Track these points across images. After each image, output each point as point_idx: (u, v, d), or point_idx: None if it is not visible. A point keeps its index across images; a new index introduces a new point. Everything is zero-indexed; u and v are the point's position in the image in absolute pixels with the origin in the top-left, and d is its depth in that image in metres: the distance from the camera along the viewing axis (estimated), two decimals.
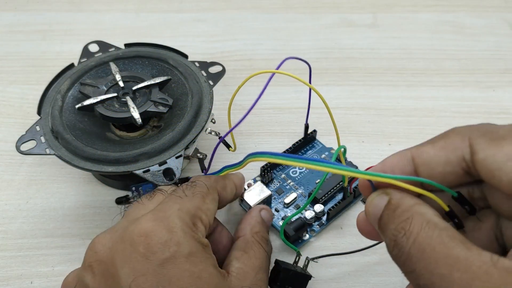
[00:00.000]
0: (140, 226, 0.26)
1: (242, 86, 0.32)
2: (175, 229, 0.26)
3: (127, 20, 0.57)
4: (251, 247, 0.31)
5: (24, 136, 0.37)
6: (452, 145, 0.22)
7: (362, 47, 0.54)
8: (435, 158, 0.22)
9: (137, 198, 0.38)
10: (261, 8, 0.59)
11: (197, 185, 0.31)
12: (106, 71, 0.41)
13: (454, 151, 0.22)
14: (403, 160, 0.23)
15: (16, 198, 0.40)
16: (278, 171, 0.41)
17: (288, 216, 0.37)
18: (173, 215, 0.27)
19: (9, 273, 0.36)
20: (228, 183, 0.34)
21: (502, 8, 0.59)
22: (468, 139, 0.21)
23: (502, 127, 0.21)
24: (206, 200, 0.30)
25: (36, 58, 0.52)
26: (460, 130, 0.22)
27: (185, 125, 0.36)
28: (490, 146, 0.20)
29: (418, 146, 0.23)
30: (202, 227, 0.28)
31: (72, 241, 0.38)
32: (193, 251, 0.26)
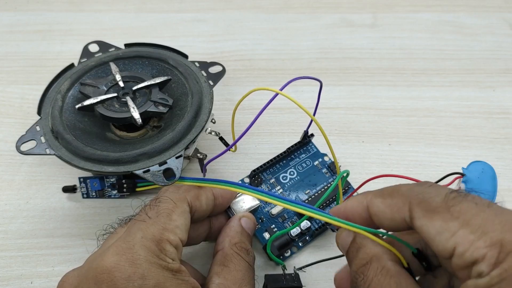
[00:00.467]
0: (102, 262, 0.26)
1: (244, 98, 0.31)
2: (138, 261, 0.26)
3: (127, 20, 0.57)
4: (231, 260, 0.30)
5: (24, 136, 0.37)
6: (396, 207, 0.25)
7: (362, 47, 0.54)
8: (383, 213, 0.25)
9: (84, 189, 0.39)
10: (261, 8, 0.59)
11: (162, 201, 0.30)
12: (106, 71, 0.41)
13: (398, 212, 0.24)
14: (361, 207, 0.26)
15: (16, 198, 0.40)
16: (268, 174, 0.40)
17: (274, 231, 0.37)
18: (136, 245, 0.26)
19: (9, 273, 0.36)
20: (204, 192, 0.32)
21: (502, 8, 0.59)
22: (409, 204, 0.24)
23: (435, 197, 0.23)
24: (173, 217, 0.29)
25: (36, 58, 0.52)
26: (404, 192, 0.25)
27: (185, 125, 0.36)
28: (425, 217, 0.23)
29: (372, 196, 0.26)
30: (171, 249, 0.27)
31: (72, 241, 0.38)
32: (160, 282, 0.26)
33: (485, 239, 0.21)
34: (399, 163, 0.43)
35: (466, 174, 0.34)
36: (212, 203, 0.33)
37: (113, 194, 0.40)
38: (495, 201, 0.33)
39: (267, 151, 0.43)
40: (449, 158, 0.44)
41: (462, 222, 0.22)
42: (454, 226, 0.22)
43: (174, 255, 0.27)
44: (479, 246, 0.21)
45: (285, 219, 0.38)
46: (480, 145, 0.45)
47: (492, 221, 0.21)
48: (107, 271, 0.25)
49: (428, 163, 0.43)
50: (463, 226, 0.21)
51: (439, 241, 0.22)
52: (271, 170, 0.41)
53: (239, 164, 0.43)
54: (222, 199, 0.34)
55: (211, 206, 0.33)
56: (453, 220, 0.22)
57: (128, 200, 0.40)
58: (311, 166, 0.41)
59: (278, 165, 0.41)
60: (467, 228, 0.21)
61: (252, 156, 0.43)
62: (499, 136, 0.46)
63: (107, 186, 0.40)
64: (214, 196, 0.33)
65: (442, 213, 0.22)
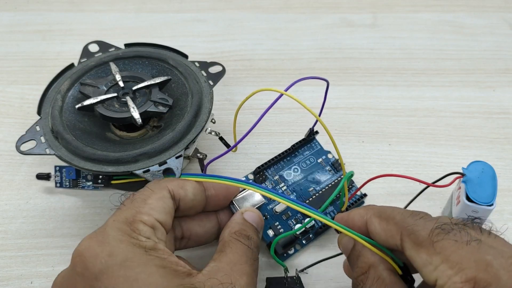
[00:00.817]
0: (77, 247, 0.27)
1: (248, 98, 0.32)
2: (107, 240, 0.27)
3: (127, 20, 0.57)
4: (228, 245, 0.30)
5: (24, 136, 0.37)
6: (390, 233, 0.28)
7: (362, 47, 0.54)
8: (378, 235, 0.28)
9: (58, 178, 0.40)
10: (261, 8, 0.59)
11: (139, 191, 0.31)
12: (106, 71, 0.41)
13: (391, 238, 0.28)
14: (361, 221, 0.30)
15: (16, 198, 0.40)
16: (272, 171, 0.41)
17: (278, 228, 0.36)
18: (107, 227, 0.28)
19: (9, 273, 0.36)
20: (189, 183, 0.32)
21: (502, 8, 0.59)
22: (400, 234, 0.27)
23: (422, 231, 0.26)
24: (148, 201, 0.30)
25: (36, 58, 0.52)
26: (397, 221, 0.28)
27: (185, 125, 0.36)
28: (413, 249, 0.26)
29: (373, 214, 0.29)
30: (145, 228, 0.28)
31: (72, 241, 0.38)
32: (128, 257, 0.26)
33: (461, 275, 0.23)
34: (399, 163, 0.43)
35: (466, 174, 0.34)
36: (202, 194, 0.33)
37: (87, 185, 0.40)
38: (494, 204, 0.33)
39: (267, 151, 0.43)
40: (449, 158, 0.44)
41: (443, 258, 0.24)
42: (436, 260, 0.25)
43: (148, 233, 0.28)
44: (456, 281, 0.23)
45: (289, 216, 0.38)
46: (480, 145, 0.45)
47: (468, 259, 0.24)
48: (79, 254, 0.27)
49: (428, 163, 0.43)
50: (443, 262, 0.24)
51: (425, 272, 0.25)
52: (275, 167, 0.41)
53: (239, 164, 0.43)
54: (215, 191, 0.34)
55: (201, 197, 0.33)
56: (435, 255, 0.25)
57: None
58: (315, 163, 0.41)
59: (282, 162, 0.41)
60: (446, 264, 0.24)
61: (252, 156, 0.44)
62: (499, 136, 0.46)
63: (82, 177, 0.40)
64: (204, 187, 0.33)
65: (427, 247, 0.25)
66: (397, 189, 0.41)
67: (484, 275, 0.23)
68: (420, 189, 0.36)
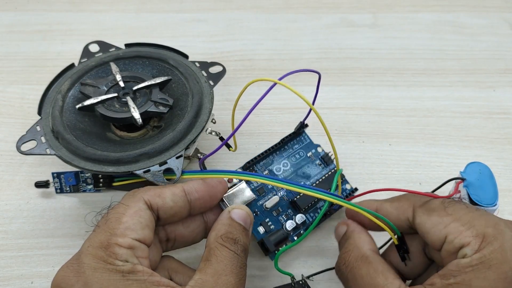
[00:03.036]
0: (54, 278, 0.27)
1: (244, 90, 0.32)
2: (82, 269, 0.26)
3: (127, 20, 0.57)
4: (214, 253, 0.29)
5: (24, 136, 0.37)
6: (402, 208, 0.31)
7: (362, 47, 0.54)
8: (390, 214, 0.31)
9: (58, 184, 0.40)
10: (261, 8, 0.59)
11: (113, 208, 0.30)
12: (106, 71, 0.41)
13: (403, 212, 0.31)
14: (371, 208, 0.32)
15: (17, 198, 0.40)
16: (262, 166, 0.40)
17: (269, 225, 0.36)
18: (82, 255, 0.27)
19: (9, 273, 0.36)
20: (168, 189, 0.31)
21: (502, 8, 0.59)
22: (413, 206, 0.31)
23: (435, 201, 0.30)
24: (122, 219, 0.28)
25: (36, 58, 0.52)
26: (409, 198, 0.31)
27: (185, 125, 0.36)
28: (424, 215, 0.29)
29: (382, 201, 0.33)
30: (122, 251, 0.27)
31: (72, 241, 0.38)
32: (104, 285, 0.26)
33: (472, 230, 0.27)
34: (399, 163, 0.43)
35: (466, 178, 0.34)
36: (183, 200, 0.31)
37: (88, 189, 0.40)
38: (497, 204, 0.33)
39: None
40: (449, 158, 0.44)
41: (454, 218, 0.28)
42: (448, 220, 0.28)
43: (125, 256, 0.27)
44: (467, 235, 0.27)
45: (279, 212, 0.37)
46: (480, 145, 0.45)
47: (478, 219, 0.28)
48: (56, 285, 0.27)
49: (428, 163, 0.43)
50: (455, 220, 0.28)
51: (434, 232, 0.28)
52: (265, 162, 0.40)
53: (240, 164, 0.43)
54: (198, 193, 0.32)
55: (183, 203, 0.31)
56: (447, 216, 0.28)
57: None
58: (304, 157, 0.41)
59: (271, 157, 0.40)
60: (458, 222, 0.28)
61: (252, 156, 0.43)
62: (499, 136, 0.46)
63: (82, 181, 0.40)
64: (185, 193, 0.32)
65: (438, 211, 0.29)
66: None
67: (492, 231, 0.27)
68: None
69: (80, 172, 0.40)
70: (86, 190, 0.40)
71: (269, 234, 0.35)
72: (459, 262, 0.26)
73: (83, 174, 0.40)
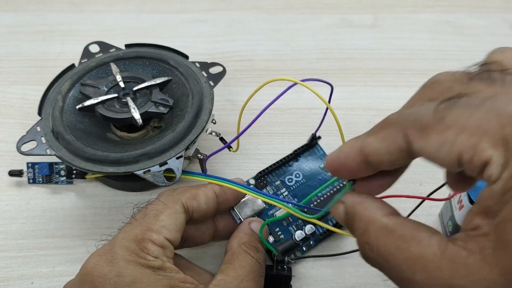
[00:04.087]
0: (85, 265, 0.28)
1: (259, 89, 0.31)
2: (115, 260, 0.27)
3: (127, 21, 0.57)
4: (237, 258, 0.30)
5: (24, 137, 0.37)
6: (390, 137, 0.23)
7: (363, 47, 0.54)
8: (379, 149, 0.23)
9: (31, 174, 0.40)
10: (261, 8, 0.59)
11: (151, 203, 0.30)
12: (106, 71, 0.41)
13: (393, 142, 0.23)
14: (354, 151, 0.24)
15: (17, 198, 0.40)
16: (274, 176, 0.40)
17: (279, 235, 0.36)
18: (116, 245, 0.28)
19: (9, 274, 0.36)
20: (203, 191, 0.32)
21: (502, 8, 0.59)
22: (401, 130, 0.22)
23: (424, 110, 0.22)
24: (160, 217, 0.29)
25: (36, 58, 0.52)
26: (394, 121, 0.23)
27: (185, 125, 0.36)
28: (420, 138, 0.21)
29: (364, 137, 0.24)
30: (154, 247, 0.28)
31: (73, 241, 0.38)
32: (137, 278, 0.26)
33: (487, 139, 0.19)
34: None
35: None
36: (214, 201, 0.33)
37: (61, 180, 0.40)
38: None
39: (267, 152, 0.43)
40: None
41: (458, 129, 0.20)
42: (451, 135, 0.20)
43: (157, 253, 0.28)
44: (483, 148, 0.19)
45: (289, 222, 0.37)
46: None
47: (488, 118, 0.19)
48: (88, 272, 0.27)
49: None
50: (461, 132, 0.19)
51: (442, 157, 0.20)
52: (277, 172, 0.40)
53: (240, 165, 0.43)
54: (226, 195, 0.33)
55: (213, 204, 0.33)
56: (448, 129, 0.20)
57: (126, 200, 0.40)
58: (317, 168, 0.41)
59: (284, 167, 0.41)
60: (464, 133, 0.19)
61: (252, 156, 0.43)
62: None
63: (56, 172, 0.41)
64: (216, 194, 0.33)
65: (435, 127, 0.20)
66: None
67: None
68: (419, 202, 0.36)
69: (54, 163, 0.40)
70: (59, 182, 0.41)
71: (278, 243, 0.35)
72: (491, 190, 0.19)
73: (58, 165, 0.40)
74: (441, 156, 0.20)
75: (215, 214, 0.33)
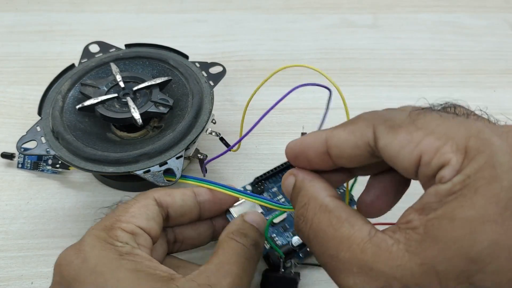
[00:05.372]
0: (57, 258, 0.28)
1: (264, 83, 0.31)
2: (82, 247, 0.27)
3: (127, 21, 0.57)
4: (221, 245, 0.29)
5: (24, 137, 0.37)
6: (359, 131, 0.23)
7: (363, 47, 0.54)
8: (345, 142, 0.24)
9: (21, 159, 0.41)
10: (261, 8, 0.59)
11: (122, 201, 0.31)
12: (106, 71, 0.41)
13: (361, 136, 0.23)
14: (319, 141, 0.25)
15: (17, 198, 0.40)
16: (270, 183, 0.39)
17: (276, 240, 0.36)
18: (86, 235, 0.28)
19: (9, 274, 0.36)
20: (178, 190, 0.32)
21: (502, 8, 0.59)
22: (372, 126, 0.23)
23: (399, 113, 0.23)
24: (129, 210, 0.29)
25: (36, 58, 0.52)
26: (366, 117, 0.24)
27: (185, 125, 0.36)
28: (388, 134, 0.22)
29: (332, 129, 0.25)
30: (123, 234, 0.28)
31: (72, 241, 0.37)
32: (100, 262, 0.26)
33: (451, 144, 0.20)
34: None
35: None
36: (192, 199, 0.32)
37: (47, 169, 0.41)
38: None
39: (267, 152, 0.43)
40: None
41: (427, 132, 0.21)
42: (419, 136, 0.21)
43: (126, 239, 0.28)
44: (445, 151, 0.20)
45: (286, 229, 0.37)
46: None
47: (457, 128, 0.21)
48: (58, 263, 0.27)
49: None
50: (428, 135, 0.21)
51: (404, 155, 0.21)
52: (274, 179, 0.40)
53: (240, 165, 0.43)
54: (208, 195, 0.33)
55: (191, 202, 0.32)
56: (417, 130, 0.21)
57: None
58: None
59: (281, 174, 0.39)
60: (432, 136, 0.21)
61: (252, 156, 0.43)
62: None
63: (44, 160, 0.41)
64: (194, 193, 0.32)
65: (406, 127, 0.21)
66: None
67: (475, 143, 0.20)
68: None
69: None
70: (44, 170, 0.41)
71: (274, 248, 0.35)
72: (438, 190, 0.20)
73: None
74: (402, 155, 0.21)
75: (199, 216, 0.33)
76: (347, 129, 0.24)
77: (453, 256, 0.19)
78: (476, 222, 0.19)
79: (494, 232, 0.18)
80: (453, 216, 0.19)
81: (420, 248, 0.19)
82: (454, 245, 0.19)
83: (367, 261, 0.21)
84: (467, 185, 0.19)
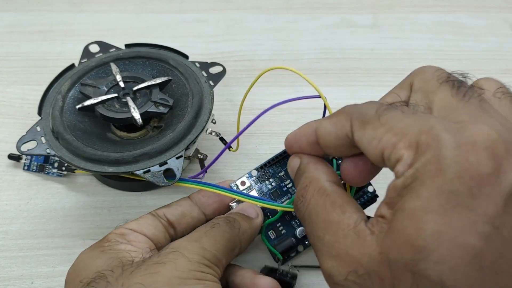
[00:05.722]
0: None
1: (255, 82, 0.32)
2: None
3: (127, 21, 0.57)
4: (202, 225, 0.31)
5: (24, 137, 0.37)
6: (340, 124, 0.25)
7: (363, 47, 0.54)
8: (329, 133, 0.26)
9: (28, 161, 0.41)
10: (261, 8, 0.59)
11: None
12: (106, 71, 0.41)
13: (341, 128, 0.25)
14: (309, 131, 0.27)
15: (17, 198, 0.40)
16: (277, 167, 0.38)
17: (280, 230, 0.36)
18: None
19: (9, 274, 0.36)
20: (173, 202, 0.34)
21: (502, 8, 0.59)
22: (350, 119, 0.25)
23: (370, 109, 0.24)
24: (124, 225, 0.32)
25: (36, 58, 0.52)
26: (347, 110, 0.26)
27: (185, 125, 0.36)
28: (360, 129, 0.24)
29: (321, 119, 0.27)
30: (112, 236, 0.30)
31: (72, 241, 0.38)
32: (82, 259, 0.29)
33: (404, 140, 0.21)
34: None
35: None
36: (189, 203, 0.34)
37: (52, 172, 0.41)
38: None
39: (267, 152, 0.43)
40: None
41: (387, 129, 0.22)
42: (381, 133, 0.22)
43: (115, 237, 0.30)
44: (399, 147, 0.21)
45: (292, 217, 0.37)
46: None
47: (413, 125, 0.22)
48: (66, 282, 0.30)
49: None
50: (387, 131, 0.22)
51: (371, 149, 0.23)
52: (283, 162, 0.38)
53: (240, 165, 0.43)
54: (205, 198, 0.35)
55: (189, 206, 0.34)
56: (380, 127, 0.23)
57: (126, 200, 0.40)
58: None
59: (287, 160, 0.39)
60: (390, 133, 0.22)
61: (252, 156, 0.43)
62: None
63: (50, 163, 0.41)
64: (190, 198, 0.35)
65: (373, 123, 0.23)
66: None
67: (426, 138, 0.21)
68: None
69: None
70: (50, 173, 0.41)
71: (278, 240, 0.35)
72: (395, 184, 0.21)
73: (54, 156, 0.40)
74: (370, 149, 0.23)
75: (205, 216, 0.34)
76: (332, 121, 0.26)
77: (401, 245, 0.20)
78: (420, 213, 0.20)
79: (436, 223, 0.19)
80: (403, 207, 0.21)
81: (383, 238, 0.21)
82: (402, 235, 0.20)
83: (345, 247, 0.22)
84: (416, 178, 0.20)
